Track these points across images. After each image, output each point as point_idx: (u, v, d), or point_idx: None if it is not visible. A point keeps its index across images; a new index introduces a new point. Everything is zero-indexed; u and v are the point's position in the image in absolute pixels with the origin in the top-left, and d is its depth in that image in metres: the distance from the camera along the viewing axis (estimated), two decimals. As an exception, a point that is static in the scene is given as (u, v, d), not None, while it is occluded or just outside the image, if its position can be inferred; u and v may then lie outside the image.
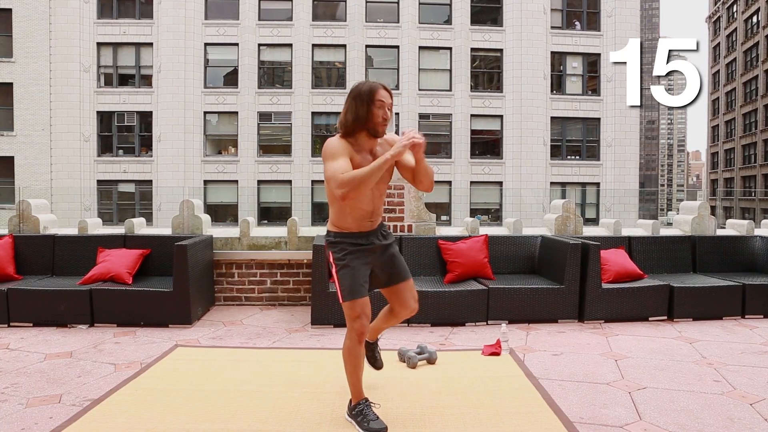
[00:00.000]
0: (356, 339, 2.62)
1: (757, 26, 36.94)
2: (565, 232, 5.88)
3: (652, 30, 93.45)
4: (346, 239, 2.68)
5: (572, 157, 22.88)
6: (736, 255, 5.74)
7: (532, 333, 4.48)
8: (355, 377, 2.70)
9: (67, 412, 2.88)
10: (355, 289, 2.62)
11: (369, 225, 2.71)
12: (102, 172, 21.46)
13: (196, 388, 3.19)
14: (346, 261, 2.65)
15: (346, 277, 2.64)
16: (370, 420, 2.63)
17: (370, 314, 2.66)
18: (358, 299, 2.61)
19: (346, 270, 2.65)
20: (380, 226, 2.79)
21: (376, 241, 2.72)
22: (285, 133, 22.14)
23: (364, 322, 2.61)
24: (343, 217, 2.68)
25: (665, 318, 4.90)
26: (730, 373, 3.51)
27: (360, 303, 2.61)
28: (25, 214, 5.56)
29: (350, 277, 2.63)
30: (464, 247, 5.11)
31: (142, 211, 21.18)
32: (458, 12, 22.07)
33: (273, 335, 4.45)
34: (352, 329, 2.62)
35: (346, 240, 2.68)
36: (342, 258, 2.67)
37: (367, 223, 2.70)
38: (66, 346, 4.05)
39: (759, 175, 36.80)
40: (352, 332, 2.63)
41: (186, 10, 21.29)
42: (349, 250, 2.66)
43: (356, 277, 2.63)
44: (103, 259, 4.89)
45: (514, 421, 2.76)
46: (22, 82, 20.82)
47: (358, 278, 2.64)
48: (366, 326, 2.62)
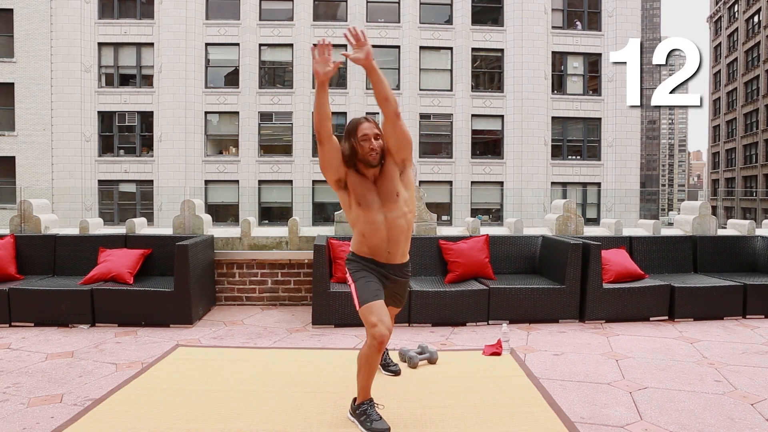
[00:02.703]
0: (376, 347, 2.58)
1: (758, 26, 36.89)
2: (566, 232, 5.88)
3: (653, 30, 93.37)
4: (362, 260, 2.76)
5: (573, 157, 22.86)
6: (737, 255, 5.74)
7: (533, 333, 4.48)
8: (367, 381, 2.70)
9: (68, 411, 2.89)
10: (371, 294, 2.64)
11: (386, 257, 2.73)
12: (103, 172, 21.46)
13: (197, 388, 3.20)
14: (361, 273, 2.72)
15: (361, 285, 2.68)
16: (373, 420, 2.63)
17: (389, 323, 2.62)
18: (375, 302, 2.61)
19: (361, 280, 2.69)
20: (403, 266, 2.81)
21: (391, 275, 2.77)
22: (286, 133, 22.13)
23: (383, 331, 2.55)
24: (361, 243, 2.74)
25: (666, 318, 4.89)
26: (731, 373, 3.51)
27: (377, 306, 2.60)
28: (26, 214, 5.57)
29: (365, 285, 2.67)
30: (465, 247, 5.11)
31: (143, 211, 21.19)
32: (459, 12, 22.05)
33: (274, 335, 4.45)
34: (372, 337, 2.57)
35: (362, 261, 2.76)
36: (357, 271, 2.73)
37: (384, 253, 2.72)
38: (67, 346, 4.05)
39: (760, 175, 36.76)
40: (372, 340, 2.58)
41: (187, 10, 21.29)
42: (364, 266, 2.74)
43: (372, 285, 2.68)
44: (104, 259, 4.90)
45: (515, 421, 2.76)
46: (23, 82, 20.83)
47: (374, 285, 2.68)
48: (385, 335, 2.56)
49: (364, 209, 2.66)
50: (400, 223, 2.69)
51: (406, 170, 2.71)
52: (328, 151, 2.60)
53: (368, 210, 2.66)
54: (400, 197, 2.68)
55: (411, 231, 2.79)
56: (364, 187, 2.67)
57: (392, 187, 2.67)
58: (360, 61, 2.52)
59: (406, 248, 2.80)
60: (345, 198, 2.72)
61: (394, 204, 2.67)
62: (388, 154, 2.67)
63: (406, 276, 2.87)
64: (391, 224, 2.68)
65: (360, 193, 2.66)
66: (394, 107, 2.57)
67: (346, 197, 2.71)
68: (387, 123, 2.61)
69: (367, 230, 2.69)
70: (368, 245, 2.72)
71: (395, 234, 2.69)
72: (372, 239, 2.69)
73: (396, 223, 2.68)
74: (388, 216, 2.67)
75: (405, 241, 2.75)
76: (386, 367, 3.42)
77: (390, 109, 2.57)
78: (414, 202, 2.80)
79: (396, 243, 2.71)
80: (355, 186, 2.67)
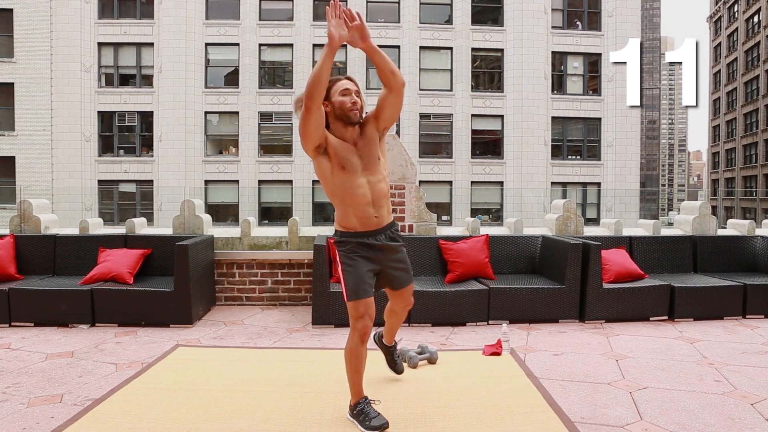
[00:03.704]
0: (359, 339, 2.62)
1: (758, 26, 36.90)
2: (565, 232, 5.88)
3: (653, 30, 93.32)
4: (352, 238, 2.69)
5: (573, 157, 22.87)
6: (737, 255, 5.74)
7: (533, 333, 4.48)
8: (357, 377, 2.71)
9: (68, 411, 2.89)
10: (360, 289, 2.63)
11: (375, 222, 2.68)
12: (103, 172, 21.47)
13: (197, 388, 3.19)
14: (351, 261, 2.66)
15: (350, 277, 2.65)
16: (371, 418, 2.63)
17: (373, 315, 2.65)
18: (362, 299, 2.62)
19: (351, 270, 2.65)
20: (390, 226, 2.76)
21: (382, 239, 2.71)
22: (286, 133, 22.15)
23: (367, 323, 2.61)
24: (347, 216, 2.68)
25: (666, 318, 4.89)
26: (731, 373, 3.51)
27: (364, 303, 2.62)
28: (26, 214, 5.57)
29: (355, 278, 2.64)
30: (465, 247, 5.11)
31: (143, 211, 21.20)
32: (459, 12, 22.06)
33: (274, 335, 4.45)
34: (355, 329, 2.62)
35: (352, 239, 2.69)
36: (348, 257, 2.67)
37: (373, 219, 2.68)
38: (67, 346, 4.05)
39: (760, 174, 36.76)
40: (354, 332, 2.63)
41: (187, 10, 21.30)
42: (356, 249, 2.67)
43: (361, 278, 2.64)
44: (104, 259, 4.90)
45: (515, 421, 2.76)
46: (23, 82, 20.84)
47: (363, 278, 2.65)
48: (369, 327, 2.61)
49: (348, 173, 2.60)
50: (382, 186, 2.68)
51: (383, 137, 2.72)
52: (316, 117, 2.48)
53: (352, 173, 2.61)
54: (380, 161, 2.68)
55: (389, 196, 2.79)
56: (346, 150, 2.61)
57: (374, 150, 2.66)
58: (358, 44, 2.47)
59: (390, 208, 2.78)
60: (325, 164, 2.61)
61: (375, 167, 2.66)
62: (373, 120, 2.67)
63: (398, 240, 2.79)
64: (373, 187, 2.65)
65: (343, 156, 2.60)
66: (401, 78, 2.58)
67: (327, 163, 2.61)
68: (392, 94, 2.59)
69: (351, 196, 2.62)
70: (355, 214, 2.65)
71: (378, 197, 2.67)
72: (357, 206, 2.64)
73: (378, 186, 2.67)
74: (371, 179, 2.65)
75: (387, 202, 2.73)
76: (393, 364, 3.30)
77: (398, 80, 2.57)
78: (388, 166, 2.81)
79: (380, 206, 2.69)
80: (338, 149, 2.60)
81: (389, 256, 2.76)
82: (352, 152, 2.62)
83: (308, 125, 2.49)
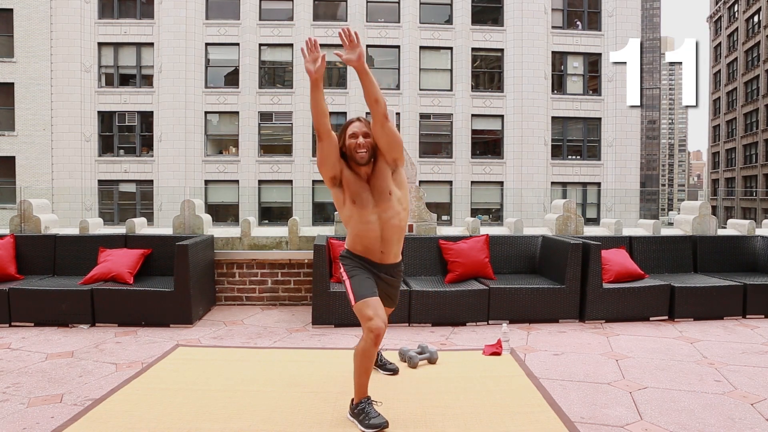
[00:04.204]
0: (372, 341, 2.61)
1: (758, 26, 36.89)
2: (566, 232, 5.88)
3: (653, 30, 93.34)
4: (356, 258, 2.80)
5: (573, 157, 22.86)
6: (737, 255, 5.74)
7: (533, 333, 4.48)
8: (364, 378, 2.72)
9: (68, 411, 2.89)
10: (366, 289, 2.68)
11: (379, 257, 2.78)
12: (103, 172, 21.46)
13: (197, 388, 3.20)
14: (355, 271, 2.76)
15: (356, 282, 2.72)
16: (371, 417, 2.64)
17: (384, 317, 2.66)
18: (370, 298, 2.65)
19: (355, 277, 2.73)
20: (394, 266, 2.85)
21: (383, 275, 2.82)
22: (286, 133, 22.13)
23: (379, 324, 2.60)
24: (355, 243, 2.79)
25: (666, 318, 4.89)
26: (731, 373, 3.51)
27: (372, 302, 2.64)
28: (26, 214, 5.57)
29: (359, 282, 2.71)
30: (465, 247, 5.11)
31: (143, 211, 21.19)
32: (459, 12, 22.05)
33: (274, 335, 4.45)
34: (369, 330, 2.61)
35: (356, 258, 2.80)
36: (351, 268, 2.77)
37: (378, 254, 2.77)
38: (67, 346, 4.05)
39: (760, 174, 36.76)
40: (368, 333, 2.61)
41: (187, 10, 21.29)
42: (359, 264, 2.78)
43: (366, 282, 2.72)
44: (104, 259, 4.90)
45: (515, 421, 2.76)
46: (23, 82, 20.83)
47: (368, 282, 2.72)
48: (382, 328, 2.61)
49: (358, 207, 2.70)
50: (394, 223, 2.74)
51: (398, 169, 2.75)
52: (326, 147, 2.63)
53: (362, 208, 2.70)
54: (392, 196, 2.71)
55: (404, 230, 2.82)
56: (359, 185, 2.71)
57: (384, 185, 2.70)
58: (352, 62, 2.53)
59: (399, 249, 2.84)
60: (339, 195, 2.75)
61: (387, 203, 2.70)
62: (380, 154, 2.71)
63: (398, 275, 2.91)
64: (384, 224, 2.72)
65: (354, 191, 2.70)
66: (383, 109, 2.61)
67: (341, 194, 2.74)
68: (376, 124, 2.65)
69: (360, 229, 2.73)
70: (362, 244, 2.77)
71: (388, 234, 2.74)
72: (365, 238, 2.74)
73: (389, 223, 2.72)
74: (382, 216, 2.71)
75: (398, 241, 2.79)
76: (383, 367, 3.44)
77: (379, 110, 2.60)
78: (407, 199, 2.82)
79: (389, 243, 2.76)
80: (350, 183, 2.71)
81: (384, 285, 2.87)
82: (365, 188, 2.71)
83: (321, 151, 2.65)
